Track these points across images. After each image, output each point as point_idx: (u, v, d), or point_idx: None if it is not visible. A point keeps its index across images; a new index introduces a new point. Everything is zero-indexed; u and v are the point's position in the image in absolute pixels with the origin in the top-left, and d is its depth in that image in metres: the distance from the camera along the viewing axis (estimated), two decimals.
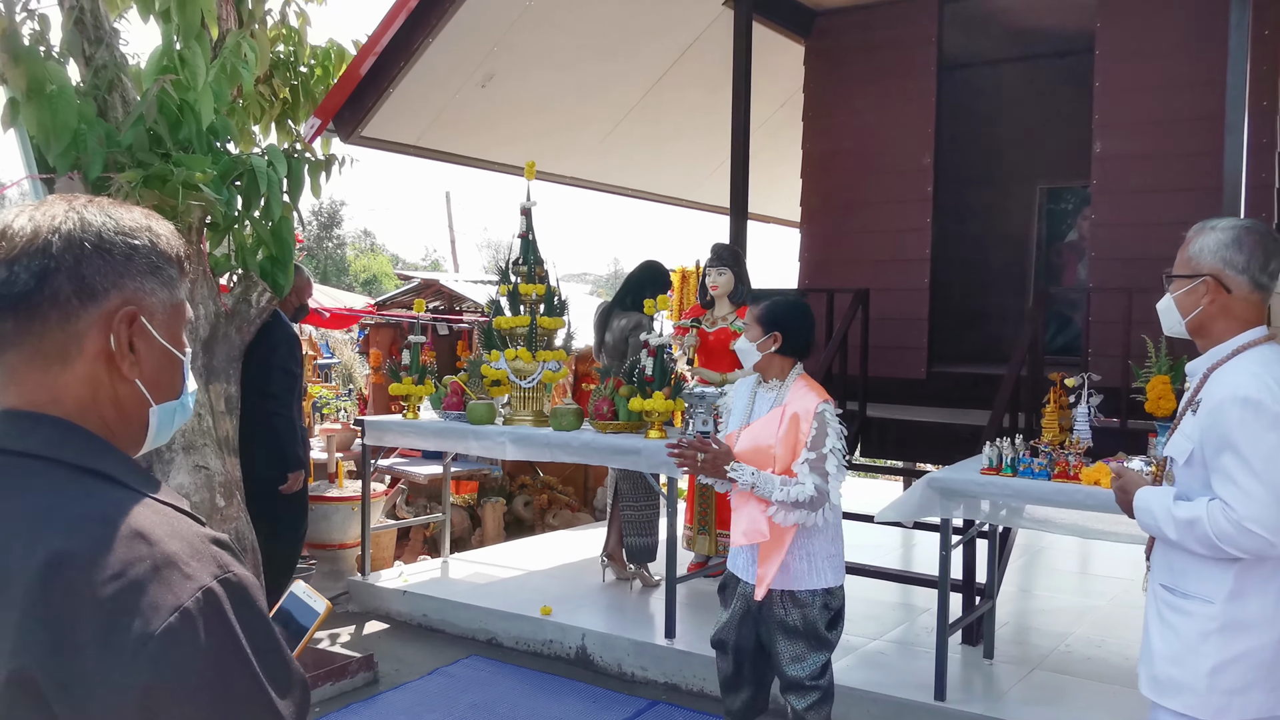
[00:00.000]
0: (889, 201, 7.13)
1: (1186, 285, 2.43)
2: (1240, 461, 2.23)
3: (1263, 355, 2.34)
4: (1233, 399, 2.26)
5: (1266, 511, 2.21)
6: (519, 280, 5.65)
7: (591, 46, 6.89)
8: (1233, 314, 2.39)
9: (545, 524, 8.35)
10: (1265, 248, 2.38)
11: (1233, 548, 2.24)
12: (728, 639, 3.45)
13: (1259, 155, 5.77)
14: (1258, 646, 2.29)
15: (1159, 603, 2.46)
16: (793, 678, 3.28)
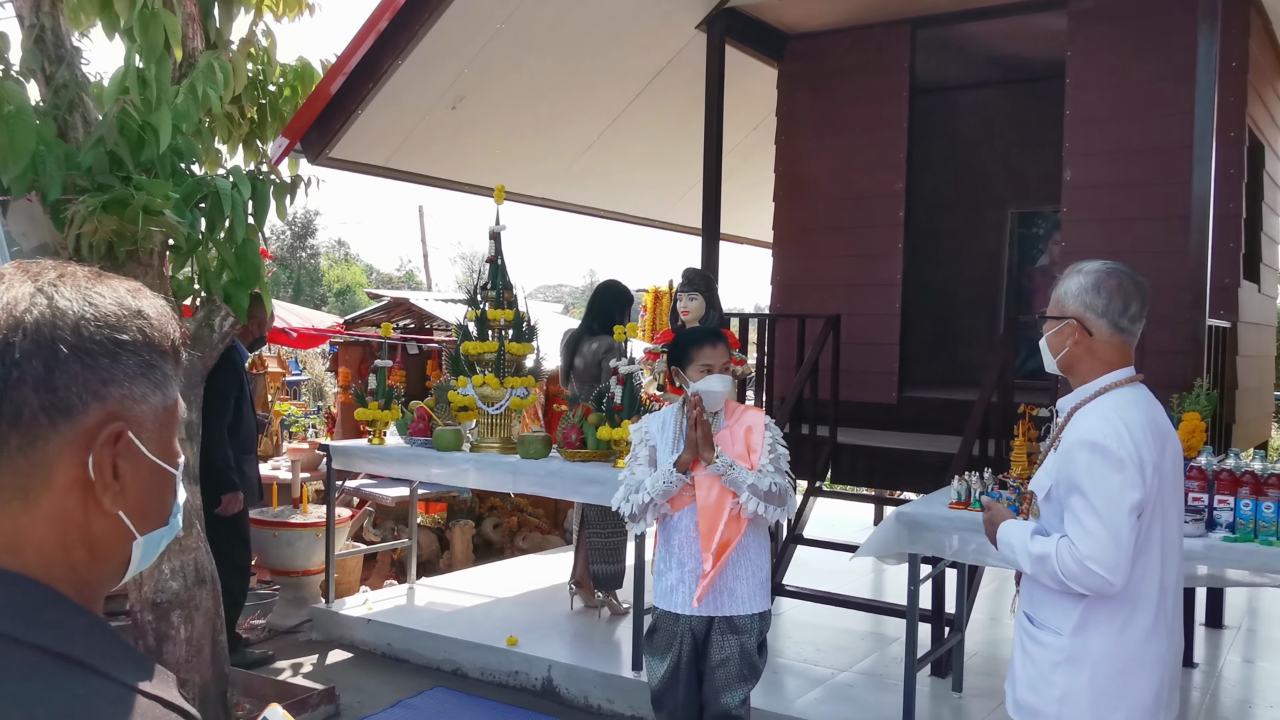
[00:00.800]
0: (861, 226, 7.13)
1: (1055, 326, 2.54)
2: (1085, 502, 2.34)
3: (1120, 399, 2.43)
4: (1081, 442, 2.37)
5: (1106, 552, 2.31)
6: (487, 305, 5.59)
7: (563, 69, 6.85)
8: (1096, 356, 2.49)
9: (515, 547, 8.27)
10: (1125, 292, 2.46)
11: (1076, 584, 2.35)
12: (669, 691, 3.39)
13: (1226, 185, 5.81)
14: (1101, 677, 2.40)
15: (1021, 631, 2.57)
16: (724, 705, 3.32)
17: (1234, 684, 5.22)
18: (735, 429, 3.40)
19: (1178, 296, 5.41)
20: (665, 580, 3.38)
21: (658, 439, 3.44)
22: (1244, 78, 5.93)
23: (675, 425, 3.43)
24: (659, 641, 3.41)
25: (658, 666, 3.41)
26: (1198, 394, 4.36)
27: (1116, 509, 2.32)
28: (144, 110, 4.51)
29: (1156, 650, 2.43)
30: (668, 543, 3.39)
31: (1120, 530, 2.32)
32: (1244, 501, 3.78)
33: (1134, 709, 2.41)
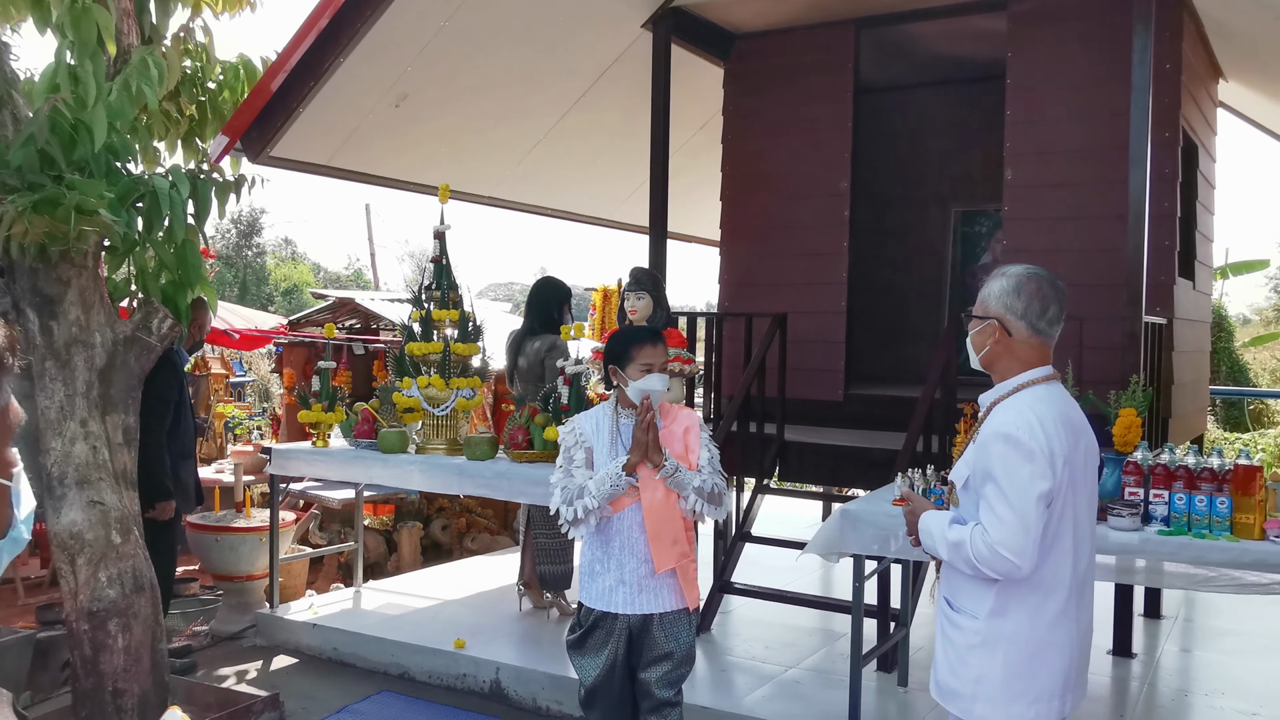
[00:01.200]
0: (807, 225, 7.17)
1: (979, 325, 2.70)
2: (998, 491, 2.48)
3: (1035, 395, 2.58)
4: (996, 435, 2.53)
5: (1015, 537, 2.45)
6: (432, 305, 5.54)
7: (508, 67, 6.81)
8: (1015, 355, 2.64)
9: (464, 548, 8.21)
10: (1043, 296, 2.62)
11: (987, 569, 2.49)
12: (604, 688, 3.41)
13: (1161, 185, 5.92)
14: (1014, 660, 2.54)
15: (942, 616, 2.72)
16: (662, 699, 3.38)
17: (1171, 673, 5.33)
18: (674, 429, 3.42)
19: (1115, 294, 5.51)
20: (602, 581, 3.38)
21: (593, 440, 3.40)
22: (1178, 79, 6.05)
23: (610, 425, 3.39)
24: (594, 641, 3.41)
25: (591, 665, 3.41)
26: (1134, 390, 4.44)
27: (1026, 498, 2.45)
28: (76, 107, 4.40)
29: (1066, 634, 2.57)
30: (605, 545, 3.37)
31: (1029, 518, 2.45)
32: (1178, 495, 3.86)
33: (1043, 690, 2.55)
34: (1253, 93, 7.92)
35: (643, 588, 3.34)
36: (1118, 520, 3.85)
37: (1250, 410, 14.61)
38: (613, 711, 3.43)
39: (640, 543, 3.33)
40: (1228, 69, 7.40)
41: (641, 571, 3.33)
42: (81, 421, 4.43)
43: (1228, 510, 3.77)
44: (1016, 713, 2.54)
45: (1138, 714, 4.74)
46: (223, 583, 6.28)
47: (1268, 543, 3.67)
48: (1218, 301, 15.97)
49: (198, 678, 5.30)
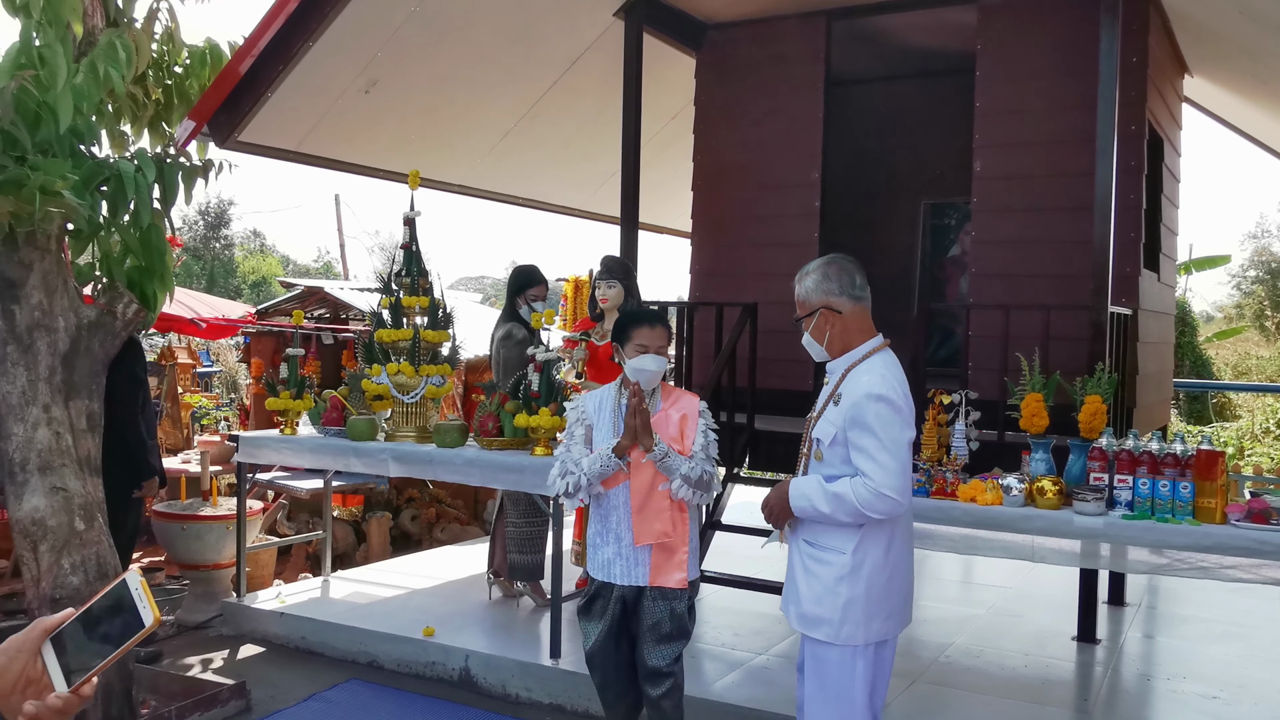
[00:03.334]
0: (777, 215, 7.19)
1: (811, 321, 3.09)
2: (878, 443, 2.86)
3: (885, 359, 3.05)
4: (868, 395, 2.90)
5: (896, 479, 2.86)
6: (401, 292, 5.51)
7: (479, 54, 6.77)
8: (851, 328, 3.08)
9: (433, 539, 8.18)
10: (847, 271, 3.10)
11: (873, 512, 2.86)
12: (603, 651, 3.63)
13: (1127, 177, 5.99)
14: (875, 586, 2.97)
15: (803, 555, 3.08)
16: (654, 667, 3.57)
17: (1135, 659, 5.40)
18: (670, 413, 3.58)
19: (1081, 284, 5.56)
20: (602, 554, 3.59)
21: (594, 418, 3.61)
22: (1144, 73, 6.12)
23: (613, 404, 3.60)
24: (596, 608, 3.63)
25: (592, 630, 3.64)
26: (1099, 377, 4.49)
27: (901, 446, 2.90)
28: (42, 89, 4.34)
29: (908, 562, 3.13)
30: (605, 519, 3.58)
31: (905, 462, 2.91)
32: (1142, 480, 3.92)
33: (894, 607, 3.04)
34: (1217, 88, 8.01)
35: (637, 560, 3.55)
36: (1083, 505, 3.90)
37: (1213, 403, 14.83)
38: (610, 675, 3.68)
39: (630, 519, 3.53)
40: (1193, 64, 7.49)
41: (633, 544, 3.54)
42: (44, 407, 4.36)
43: (1190, 495, 3.83)
44: (875, 629, 2.97)
45: (1101, 698, 4.80)
46: (189, 572, 6.21)
47: (1229, 527, 3.73)
48: (1182, 297, 16.20)
49: (163, 667, 5.25)
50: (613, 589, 3.58)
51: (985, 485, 4.10)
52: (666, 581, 3.55)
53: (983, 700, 4.68)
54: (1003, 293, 6.14)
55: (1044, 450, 4.31)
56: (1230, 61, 7.26)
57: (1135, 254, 6.18)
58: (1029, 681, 4.96)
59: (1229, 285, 35.60)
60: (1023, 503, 4.03)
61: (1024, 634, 5.71)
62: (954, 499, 4.13)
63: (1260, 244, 37.44)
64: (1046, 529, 3.94)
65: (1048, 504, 3.98)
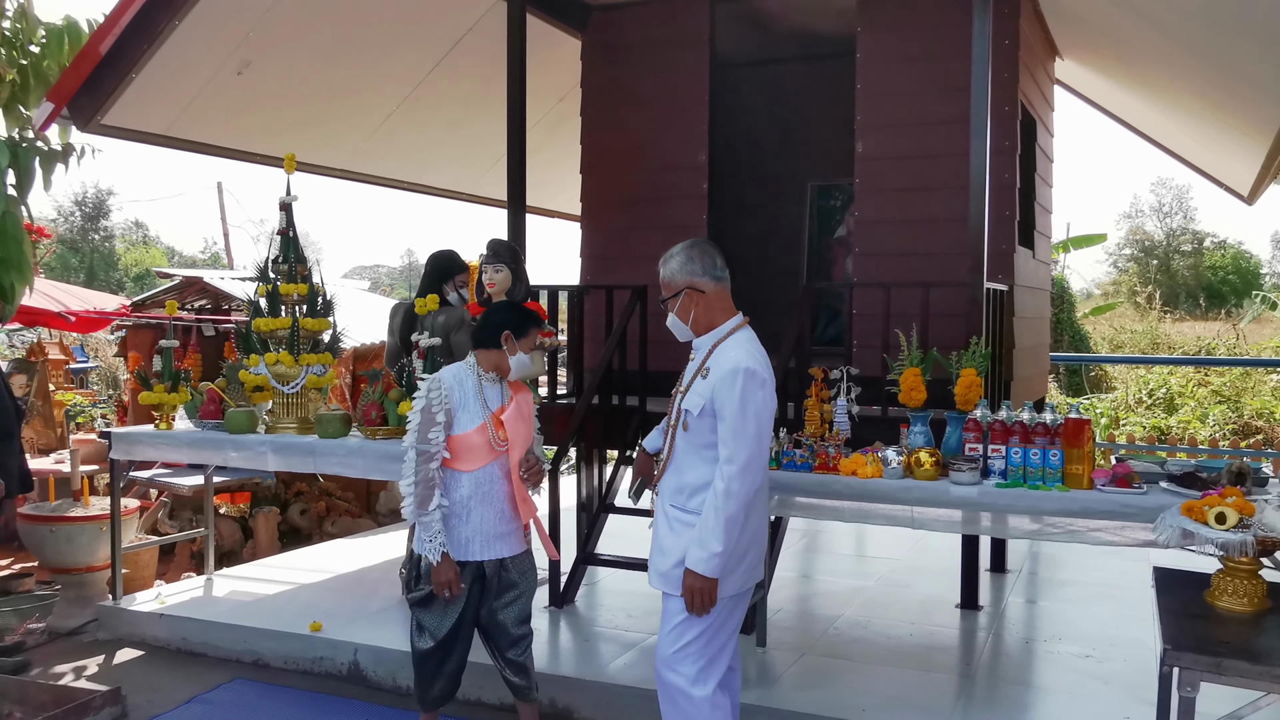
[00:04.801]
0: (666, 198, 7.19)
1: (676, 301, 3.25)
2: (744, 416, 3.03)
3: (748, 336, 3.22)
4: (737, 370, 3.06)
5: (763, 454, 3.11)
6: (279, 279, 5.35)
7: (358, 34, 6.59)
8: (715, 306, 3.25)
9: (324, 532, 8.00)
10: (708, 253, 3.27)
11: (746, 487, 3.04)
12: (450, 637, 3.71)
13: (1001, 156, 6.15)
14: (744, 540, 3.16)
15: (669, 519, 3.25)
16: (517, 635, 3.77)
17: (1016, 624, 5.58)
18: (520, 402, 3.77)
19: (959, 262, 5.70)
20: (460, 532, 3.64)
21: (455, 401, 3.62)
22: (1016, 55, 6.28)
23: (474, 386, 3.67)
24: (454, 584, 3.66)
25: (441, 616, 3.68)
26: (974, 351, 4.61)
27: (766, 418, 3.10)
28: None
29: (763, 521, 3.38)
30: (465, 500, 3.64)
31: (767, 435, 3.13)
32: (1014, 449, 4.03)
33: (754, 560, 3.26)
34: (1086, 71, 8.30)
35: (497, 535, 3.67)
36: (959, 475, 4.00)
37: (1090, 376, 15.44)
38: (450, 659, 3.75)
39: (498, 495, 3.66)
40: (1063, 47, 7.74)
41: (494, 520, 3.66)
42: None
43: (1059, 462, 3.96)
44: (738, 582, 3.19)
45: (984, 662, 4.94)
46: (60, 576, 5.94)
47: (1095, 491, 3.87)
48: (1060, 274, 16.81)
49: (31, 676, 5.01)
50: (466, 569, 3.66)
51: (866, 459, 4.18)
52: (517, 549, 3.76)
53: (870, 669, 4.77)
54: (885, 271, 6.26)
55: (922, 423, 4.40)
56: (1097, 45, 7.51)
57: (1010, 232, 6.35)
58: (915, 649, 5.08)
59: (1106, 263, 37.21)
60: (901, 475, 4.12)
61: (910, 603, 5.86)
62: (836, 473, 4.20)
63: (1134, 223, 39.25)
64: (924, 499, 4.03)
65: (925, 475, 4.07)
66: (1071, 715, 4.30)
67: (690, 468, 3.21)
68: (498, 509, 3.67)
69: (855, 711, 4.22)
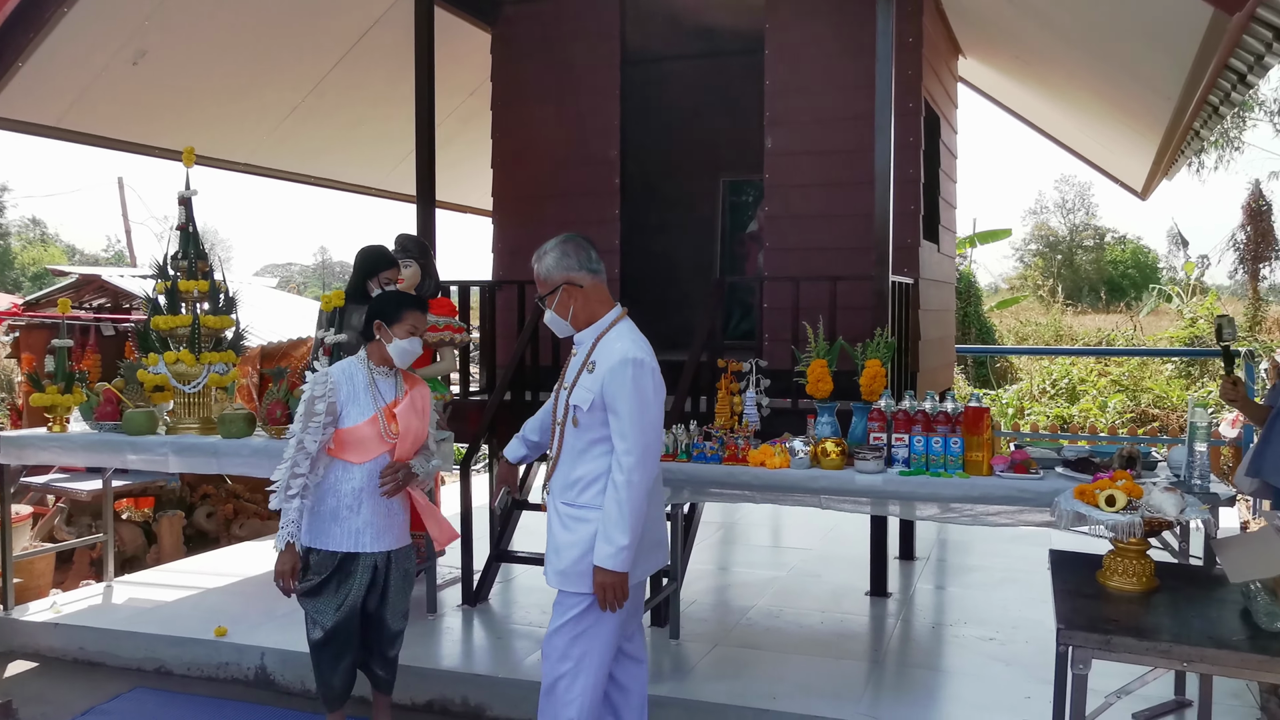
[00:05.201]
0: (578, 193, 7.18)
1: (554, 298, 3.22)
2: (638, 405, 3.02)
3: (629, 326, 3.23)
4: (625, 360, 3.05)
5: (657, 442, 3.08)
6: (179, 276, 5.20)
7: (259, 26, 6.44)
8: (593, 300, 3.22)
9: (232, 535, 7.81)
10: (583, 247, 3.25)
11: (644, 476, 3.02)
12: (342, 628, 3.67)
13: (905, 152, 6.28)
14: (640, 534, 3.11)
15: (562, 516, 3.21)
16: (395, 630, 3.79)
17: (926, 610, 5.70)
18: (414, 395, 3.75)
19: (865, 255, 5.80)
20: (349, 524, 3.61)
21: (342, 392, 3.60)
22: (919, 53, 6.42)
23: (365, 379, 3.64)
24: (334, 582, 3.65)
25: (330, 607, 3.66)
26: (878, 342, 4.70)
27: (657, 406, 3.09)
28: None
29: (657, 508, 3.32)
30: (355, 492, 3.61)
31: (659, 422, 3.09)
32: (917, 438, 4.12)
33: (648, 546, 3.21)
34: (989, 69, 8.52)
35: (387, 527, 3.67)
36: (863, 464, 4.07)
37: (996, 368, 15.85)
38: (346, 651, 3.72)
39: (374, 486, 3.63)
40: (966, 46, 7.93)
41: (384, 513, 3.66)
42: None
43: (960, 449, 4.05)
44: (640, 570, 3.18)
45: (893, 647, 5.04)
46: None
47: (994, 478, 3.98)
48: (968, 269, 17.22)
49: None
50: (357, 560, 3.64)
51: (774, 449, 4.23)
52: (404, 542, 3.77)
53: (781, 658, 4.83)
54: (795, 265, 6.34)
55: (829, 414, 4.47)
56: (998, 44, 7.71)
57: (915, 226, 6.49)
58: (825, 637, 5.16)
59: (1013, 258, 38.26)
60: (809, 464, 4.18)
61: (821, 592, 5.95)
62: (745, 464, 4.24)
63: (1039, 219, 40.41)
64: (831, 488, 4.10)
65: (831, 464, 4.14)
66: (975, 697, 4.41)
67: (580, 463, 3.17)
68: (388, 501, 3.68)
69: (766, 700, 4.26)
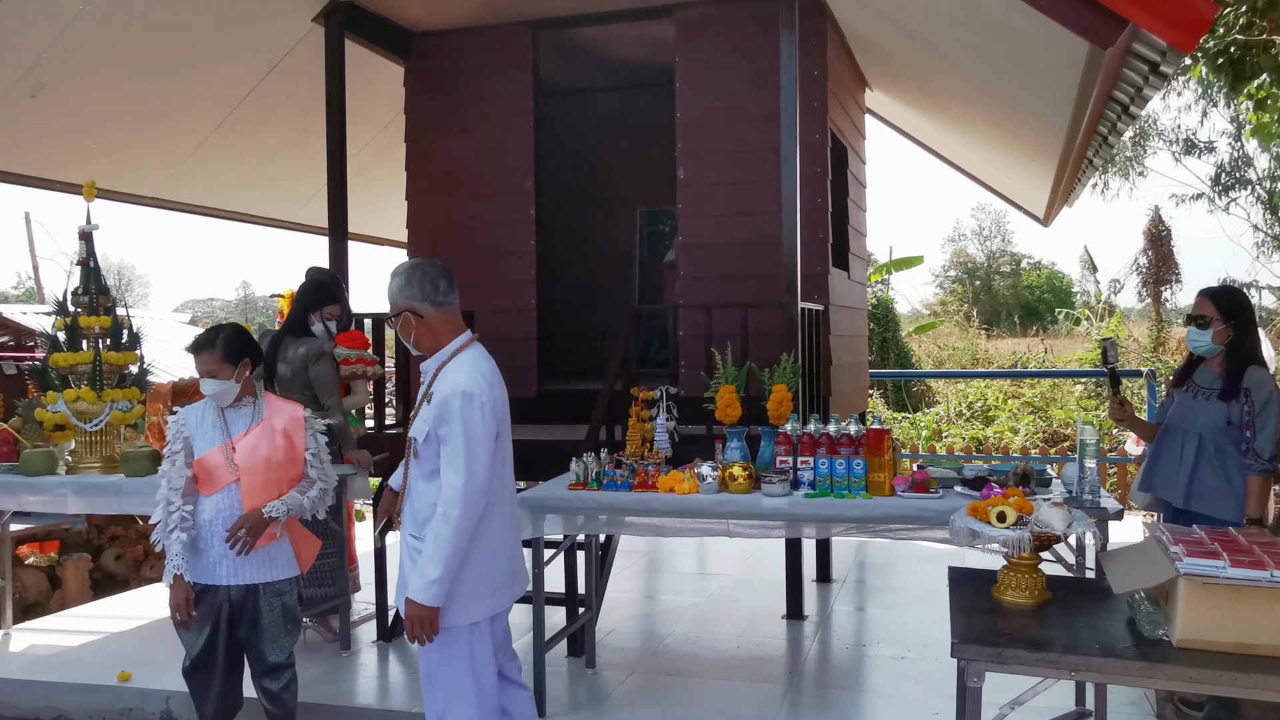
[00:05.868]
0: (493, 224, 7.20)
1: (398, 322, 3.18)
2: (461, 439, 2.98)
3: (471, 356, 3.15)
4: (454, 393, 3.01)
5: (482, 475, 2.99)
6: (79, 312, 5.09)
7: (164, 57, 6.34)
8: (437, 330, 3.16)
9: (142, 577, 7.61)
10: (430, 278, 3.16)
11: (467, 512, 2.97)
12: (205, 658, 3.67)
13: (812, 182, 6.41)
14: (482, 564, 3.10)
15: (409, 548, 3.18)
16: (275, 662, 3.71)
17: (841, 631, 5.78)
18: (274, 422, 3.70)
19: (775, 283, 5.90)
20: (207, 557, 3.63)
21: (194, 430, 3.65)
22: (824, 86, 6.58)
23: (214, 416, 3.68)
24: (199, 613, 3.64)
25: (196, 638, 3.67)
26: (784, 367, 4.79)
27: (483, 440, 3.00)
28: None
29: (510, 537, 3.27)
30: (210, 524, 3.61)
31: (487, 457, 3.01)
32: (822, 460, 4.20)
33: (500, 582, 3.18)
34: (895, 102, 8.76)
35: (248, 559, 3.61)
36: (770, 487, 4.13)
37: (914, 392, 16.18)
38: (213, 681, 3.70)
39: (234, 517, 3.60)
40: (872, 78, 8.15)
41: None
42: None
43: (863, 471, 4.14)
44: (485, 606, 3.13)
45: (808, 669, 5.10)
46: None
47: (895, 498, 4.07)
48: (886, 295, 17.59)
49: None
50: (217, 592, 3.64)
51: (683, 475, 4.27)
52: (277, 576, 3.70)
53: (697, 683, 4.86)
54: (709, 293, 6.42)
55: (738, 439, 4.53)
56: (901, 77, 7.94)
57: (824, 253, 6.62)
58: (740, 661, 5.20)
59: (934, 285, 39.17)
60: (717, 489, 4.22)
61: (739, 617, 5.99)
62: (654, 490, 4.27)
63: (957, 246, 41.47)
64: (738, 512, 4.15)
65: (739, 488, 4.19)
66: (885, 715, 4.49)
67: (421, 495, 3.14)
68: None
69: None
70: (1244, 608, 2.65)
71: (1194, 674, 2.59)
